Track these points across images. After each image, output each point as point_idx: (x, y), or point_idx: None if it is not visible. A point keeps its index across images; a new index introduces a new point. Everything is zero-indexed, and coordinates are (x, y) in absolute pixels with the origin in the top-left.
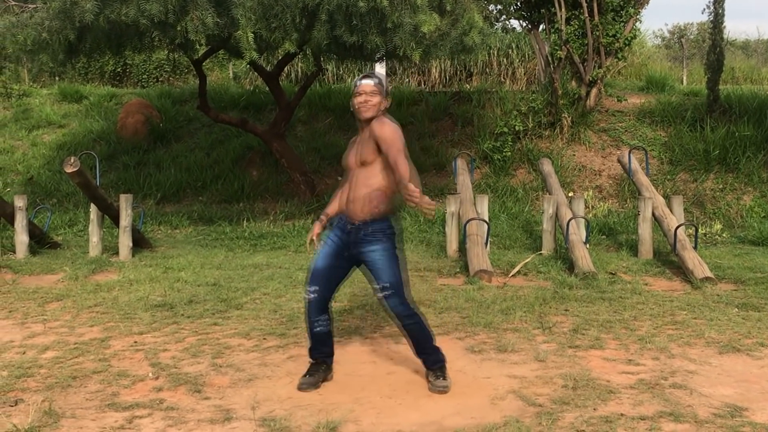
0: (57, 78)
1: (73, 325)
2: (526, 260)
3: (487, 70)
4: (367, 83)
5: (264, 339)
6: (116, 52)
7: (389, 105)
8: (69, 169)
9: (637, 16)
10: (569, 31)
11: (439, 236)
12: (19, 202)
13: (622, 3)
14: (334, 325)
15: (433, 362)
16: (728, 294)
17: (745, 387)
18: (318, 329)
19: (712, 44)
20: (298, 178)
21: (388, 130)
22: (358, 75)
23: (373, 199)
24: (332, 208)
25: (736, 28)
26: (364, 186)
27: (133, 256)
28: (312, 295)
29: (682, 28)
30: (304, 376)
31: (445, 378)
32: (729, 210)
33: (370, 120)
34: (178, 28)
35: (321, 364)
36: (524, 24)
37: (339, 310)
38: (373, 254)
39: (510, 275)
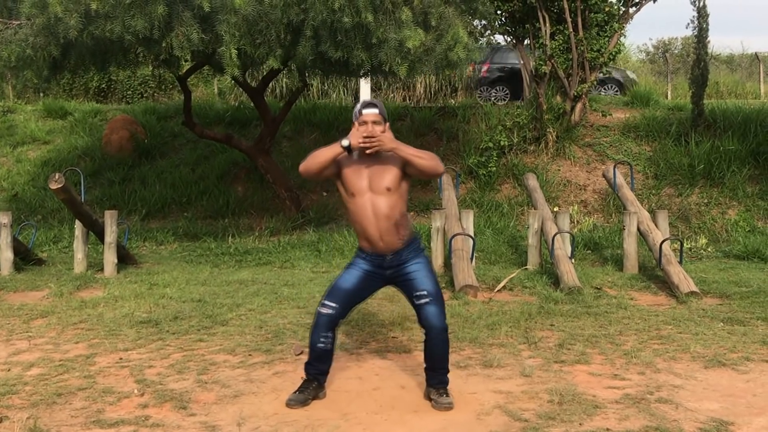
0: (41, 94)
1: (58, 341)
2: (512, 275)
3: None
4: (371, 112)
5: (249, 355)
6: (101, 68)
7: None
8: (54, 186)
9: (622, 31)
10: (554, 46)
11: (424, 251)
12: (4, 218)
13: (606, 18)
14: None
15: (439, 382)
16: (713, 308)
17: (730, 401)
18: (322, 346)
19: (696, 59)
20: (283, 194)
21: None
22: (345, 92)
23: (401, 227)
24: None
25: (720, 42)
26: (388, 218)
27: (118, 272)
28: (329, 311)
29: (667, 42)
30: (294, 392)
31: (448, 395)
32: (714, 224)
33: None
34: (163, 44)
35: (312, 381)
36: (509, 39)
37: None
38: (413, 268)
39: (495, 290)
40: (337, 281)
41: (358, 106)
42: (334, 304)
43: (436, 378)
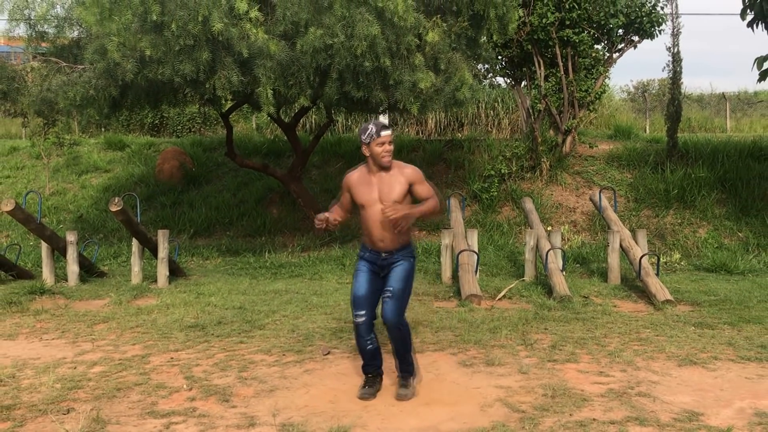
0: (103, 129)
1: (118, 343)
2: (511, 286)
3: (476, 120)
4: (388, 134)
5: (283, 355)
6: (154, 106)
7: None
8: (113, 208)
9: (606, 74)
10: (547, 86)
11: (435, 265)
12: (71, 237)
13: (593, 62)
14: (345, 343)
15: (401, 370)
16: (686, 314)
17: (701, 395)
18: (370, 347)
19: (671, 98)
20: (312, 216)
21: (422, 177)
22: (367, 124)
23: (402, 234)
24: (336, 214)
25: (692, 83)
26: (394, 226)
27: (169, 283)
28: (362, 318)
29: (645, 83)
30: (363, 387)
31: (407, 387)
32: (686, 241)
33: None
34: (207, 86)
35: (376, 377)
36: (508, 81)
37: (349, 330)
38: (396, 267)
39: (497, 299)
40: (354, 293)
41: (373, 128)
42: (362, 312)
43: (400, 366)
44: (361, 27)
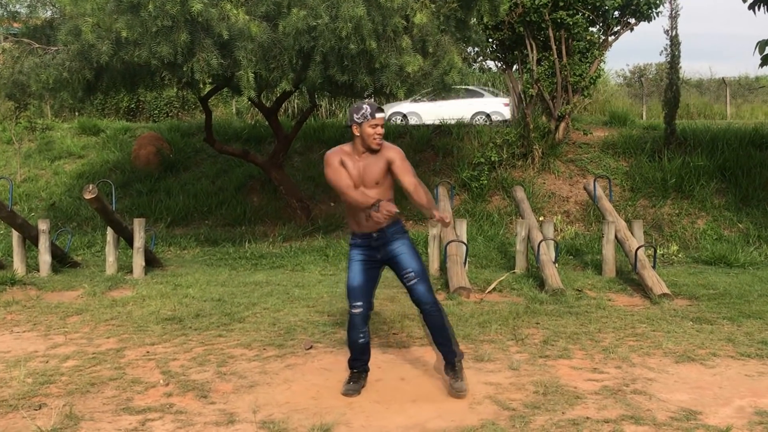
0: (77, 113)
1: (92, 336)
2: (501, 278)
3: None
4: (382, 116)
5: (264, 349)
6: (130, 89)
7: None
8: (87, 196)
9: (601, 58)
10: (540, 71)
11: (422, 256)
12: (43, 225)
13: (587, 46)
14: (328, 338)
15: (448, 353)
16: (684, 309)
17: (699, 393)
18: (362, 340)
19: (669, 83)
20: (294, 204)
21: (402, 156)
22: (360, 103)
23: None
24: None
25: (690, 68)
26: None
27: (145, 274)
28: (359, 309)
29: (642, 68)
30: (348, 383)
31: (461, 379)
32: (684, 233)
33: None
34: (186, 69)
35: (362, 372)
36: (499, 64)
37: (332, 323)
38: (400, 247)
39: (486, 292)
40: (349, 283)
41: (368, 108)
42: (359, 303)
43: (445, 352)
44: (345, 8)
